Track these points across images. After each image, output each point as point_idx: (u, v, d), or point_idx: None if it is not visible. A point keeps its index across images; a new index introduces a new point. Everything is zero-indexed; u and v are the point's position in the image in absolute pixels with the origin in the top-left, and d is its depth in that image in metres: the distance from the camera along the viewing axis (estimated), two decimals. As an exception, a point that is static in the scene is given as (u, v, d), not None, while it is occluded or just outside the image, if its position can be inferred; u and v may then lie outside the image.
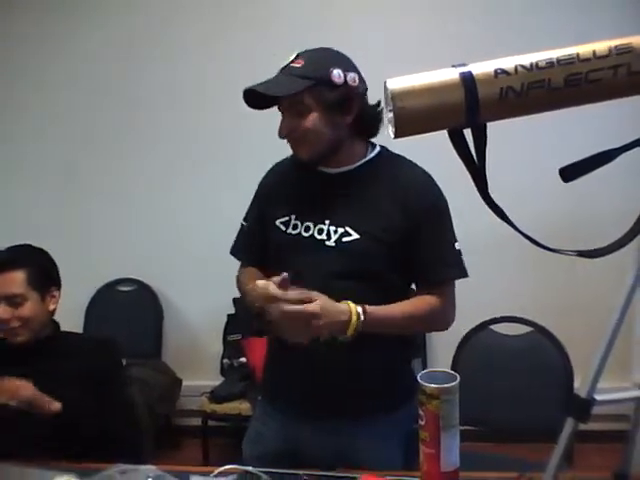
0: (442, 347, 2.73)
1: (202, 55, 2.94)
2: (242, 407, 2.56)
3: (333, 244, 1.41)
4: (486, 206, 0.97)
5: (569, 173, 0.88)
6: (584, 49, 0.82)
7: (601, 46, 0.82)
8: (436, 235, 1.42)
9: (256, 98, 1.38)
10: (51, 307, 1.77)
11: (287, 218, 1.48)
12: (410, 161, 1.48)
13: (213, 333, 2.95)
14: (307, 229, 1.45)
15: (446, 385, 1.22)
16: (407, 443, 1.52)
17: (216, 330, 2.94)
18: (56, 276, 1.81)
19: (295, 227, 1.47)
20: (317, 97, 1.35)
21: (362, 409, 1.46)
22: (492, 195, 0.94)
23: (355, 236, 1.40)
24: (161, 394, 2.75)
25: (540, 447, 1.95)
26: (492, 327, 2.22)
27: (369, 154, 1.46)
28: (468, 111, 0.82)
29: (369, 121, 1.43)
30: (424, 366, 2.86)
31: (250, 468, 1.28)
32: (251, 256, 1.60)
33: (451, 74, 0.83)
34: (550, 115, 0.90)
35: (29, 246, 1.78)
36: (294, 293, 1.31)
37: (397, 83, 0.83)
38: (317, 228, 1.44)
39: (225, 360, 2.75)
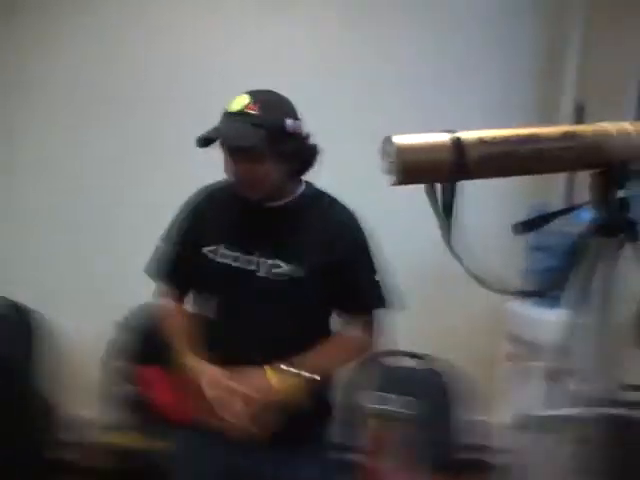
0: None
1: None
2: (130, 438, 2.47)
3: (264, 275, 1.48)
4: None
5: (520, 229, 1.07)
6: (545, 130, 1.02)
7: (556, 130, 1.03)
8: (355, 268, 1.54)
9: (207, 139, 1.40)
10: None
11: (215, 247, 1.52)
12: (334, 198, 1.59)
13: (92, 359, 2.81)
14: (235, 259, 1.50)
15: (395, 409, 1.35)
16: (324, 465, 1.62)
17: (95, 356, 2.81)
18: None
19: (223, 256, 1.51)
20: (273, 146, 1.40)
21: (296, 438, 1.49)
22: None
23: (285, 268, 1.48)
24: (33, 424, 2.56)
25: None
26: (379, 361, 2.41)
27: (298, 190, 1.56)
28: (455, 169, 0.98)
29: (308, 163, 1.54)
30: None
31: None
32: (174, 280, 1.61)
33: (444, 137, 0.98)
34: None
35: None
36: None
37: (402, 140, 0.96)
38: (246, 259, 1.50)
39: (112, 388, 2.64)
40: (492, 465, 2.65)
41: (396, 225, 2.96)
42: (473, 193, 1.01)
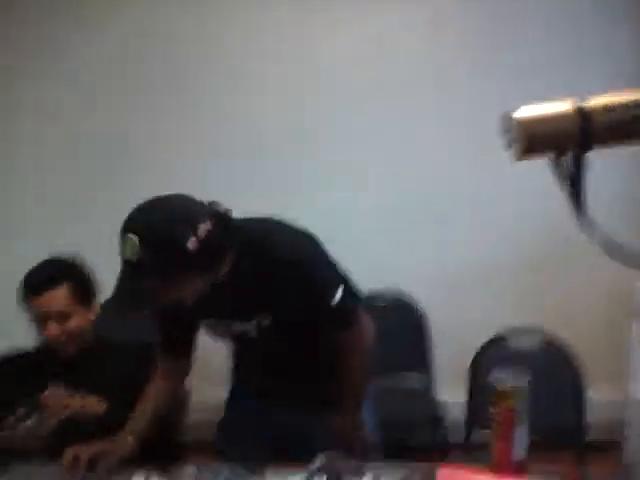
0: (450, 360, 2.84)
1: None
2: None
3: (255, 335, 1.57)
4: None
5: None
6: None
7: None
8: (309, 296, 1.50)
9: None
10: (93, 317, 1.82)
11: (209, 320, 1.65)
12: (264, 233, 1.51)
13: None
14: (230, 325, 1.60)
15: (521, 384, 1.35)
16: None
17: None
18: (94, 286, 1.86)
19: (222, 324, 1.63)
20: (180, 277, 1.37)
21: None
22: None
23: (268, 321, 1.55)
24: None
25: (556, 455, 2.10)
26: (505, 339, 2.37)
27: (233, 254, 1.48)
28: (582, 139, 0.96)
29: (229, 248, 1.46)
30: (430, 381, 2.97)
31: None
32: (168, 352, 1.73)
33: (566, 106, 0.97)
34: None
35: (65, 260, 1.83)
36: None
37: (522, 113, 0.96)
38: (238, 328, 1.59)
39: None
40: (620, 444, 2.54)
41: (517, 202, 2.92)
42: (595, 162, 0.99)
